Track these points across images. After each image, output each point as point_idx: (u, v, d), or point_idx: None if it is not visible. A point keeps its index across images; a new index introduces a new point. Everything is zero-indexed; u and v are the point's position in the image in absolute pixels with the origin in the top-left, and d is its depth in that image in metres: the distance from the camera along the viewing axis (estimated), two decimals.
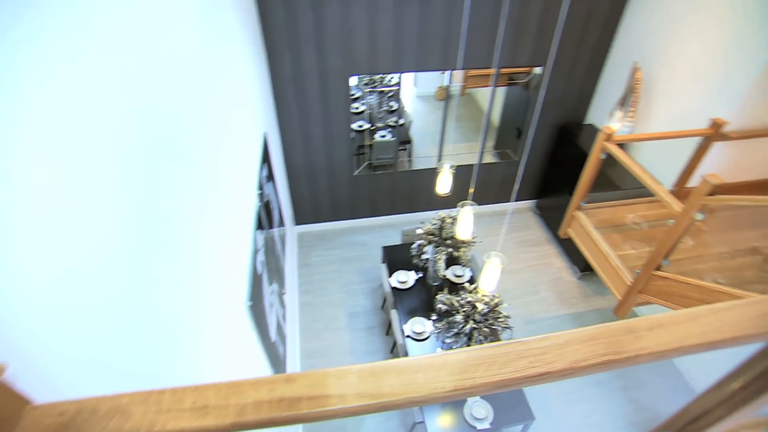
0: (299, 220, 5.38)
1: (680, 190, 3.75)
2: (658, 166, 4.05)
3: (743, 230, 3.41)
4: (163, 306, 1.20)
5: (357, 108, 5.56)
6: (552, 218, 5.35)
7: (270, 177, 3.44)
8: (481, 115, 5.47)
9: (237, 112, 2.49)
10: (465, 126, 6.18)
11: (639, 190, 3.94)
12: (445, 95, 4.75)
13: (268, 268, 2.90)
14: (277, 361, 2.88)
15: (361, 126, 5.41)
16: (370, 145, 5.32)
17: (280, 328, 3.18)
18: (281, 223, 3.89)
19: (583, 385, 3.89)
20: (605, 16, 4.33)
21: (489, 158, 5.35)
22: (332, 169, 4.96)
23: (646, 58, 4.07)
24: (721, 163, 3.61)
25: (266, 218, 3.06)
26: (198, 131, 1.67)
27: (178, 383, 0.54)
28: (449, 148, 5.30)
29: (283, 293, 3.58)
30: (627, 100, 4.05)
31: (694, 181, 3.59)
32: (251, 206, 2.56)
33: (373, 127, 5.47)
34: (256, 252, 2.48)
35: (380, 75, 4.78)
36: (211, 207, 1.74)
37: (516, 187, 5.47)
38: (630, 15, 4.28)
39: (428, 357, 0.54)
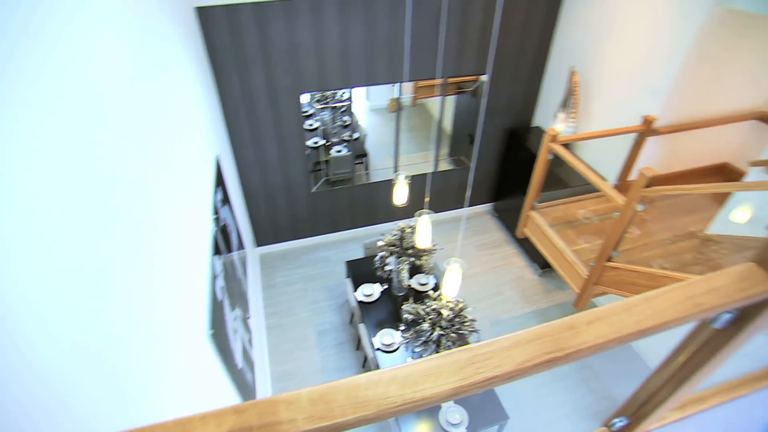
0: (260, 241, 5.29)
1: (623, 184, 3.97)
2: (602, 162, 4.27)
3: (680, 216, 3.64)
4: (116, 344, 1.15)
5: (311, 125, 5.56)
6: (509, 219, 5.52)
7: (225, 200, 3.38)
8: (435, 125, 5.60)
9: (186, 138, 2.44)
10: (419, 135, 6.29)
11: (587, 187, 4.13)
12: (396, 107, 4.83)
13: (229, 294, 2.83)
14: (245, 388, 2.81)
15: (316, 142, 5.40)
16: (327, 161, 5.32)
17: (246, 354, 3.10)
18: (241, 246, 3.82)
19: (552, 379, 4.01)
20: (541, 25, 4.56)
21: (444, 165, 5.46)
22: (290, 188, 4.92)
23: (581, 62, 4.31)
24: (656, 156, 3.85)
25: (224, 242, 2.99)
26: (143, 160, 1.62)
27: (139, 422, 0.53)
28: (405, 158, 5.38)
29: (248, 317, 3.49)
30: (568, 102, 4.27)
31: (634, 175, 3.81)
32: (207, 231, 2.50)
33: (329, 143, 5.47)
34: (214, 278, 2.42)
35: (331, 91, 4.81)
36: (162, 236, 1.69)
37: (468, 193, 5.61)
38: (563, 23, 4.53)
39: (377, 373, 0.56)
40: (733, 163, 4.07)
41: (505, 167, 5.50)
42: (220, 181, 3.25)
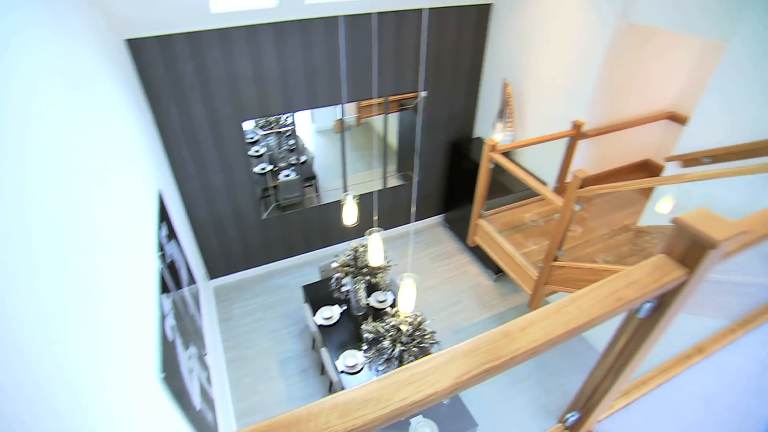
0: (213, 273, 5.13)
1: (562, 186, 4.20)
2: (542, 166, 4.51)
3: (615, 212, 3.90)
4: (60, 399, 1.08)
5: (257, 151, 5.51)
6: (460, 229, 5.67)
7: (171, 235, 3.26)
8: (380, 142, 5.72)
9: (122, 175, 2.35)
10: (366, 154, 6.37)
11: (531, 191, 4.33)
12: (341, 128, 4.89)
13: (182, 332, 2.72)
14: (206, 430, 2.69)
15: (263, 168, 5.35)
16: (276, 186, 5.27)
17: (205, 394, 2.97)
18: (192, 281, 3.68)
19: (514, 382, 4.11)
20: (472, 41, 4.80)
21: (394, 182, 5.55)
22: (240, 216, 4.82)
23: (513, 74, 4.56)
24: (588, 158, 4.12)
25: (172, 279, 2.88)
26: (75, 203, 1.56)
27: None
28: (354, 177, 5.43)
29: (205, 354, 3.36)
30: (504, 112, 4.49)
31: (570, 177, 4.04)
32: (152, 270, 2.41)
33: (276, 168, 5.44)
34: (163, 318, 2.33)
35: (274, 116, 4.80)
36: (103, 281, 1.61)
37: (413, 209, 5.71)
38: (492, 39, 4.78)
39: (318, 403, 0.57)
40: (653, 159, 4.43)
41: (451, 179, 5.67)
42: (164, 216, 3.14)
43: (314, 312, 3.97)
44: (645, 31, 3.49)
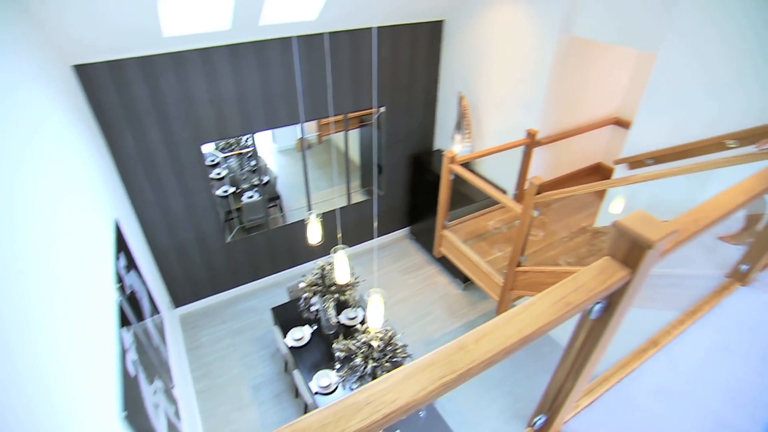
0: (178, 301, 4.96)
1: (521, 193, 4.34)
2: (501, 175, 4.64)
3: (573, 215, 4.05)
4: None
5: (218, 174, 5.42)
6: (427, 240, 5.74)
7: (131, 265, 3.15)
8: (343, 159, 5.75)
9: (76, 207, 2.27)
10: (330, 171, 6.38)
11: (492, 200, 4.44)
12: (303, 146, 4.89)
13: (145, 366, 2.62)
14: None
15: (225, 191, 5.27)
16: (239, 209, 5.20)
17: (173, 428, 2.86)
18: (155, 311, 3.56)
19: (487, 389, 4.15)
20: (427, 57, 4.93)
21: (358, 197, 5.58)
22: (203, 241, 4.71)
23: (468, 87, 4.70)
24: (544, 164, 4.28)
25: (133, 311, 2.78)
26: (24, 242, 1.49)
27: None
28: (320, 195, 5.42)
29: (172, 387, 3.24)
30: (461, 124, 4.61)
31: (528, 184, 4.18)
32: (110, 303, 2.32)
33: (239, 190, 5.36)
34: (124, 353, 2.24)
35: (234, 138, 4.75)
36: (55, 320, 1.54)
37: (375, 223, 5.73)
38: (446, 54, 4.93)
39: (276, 431, 0.57)
40: (604, 162, 4.65)
41: (414, 191, 5.75)
42: (122, 246, 3.04)
43: (284, 334, 3.91)
44: (588, 43, 3.69)
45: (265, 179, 5.56)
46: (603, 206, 3.67)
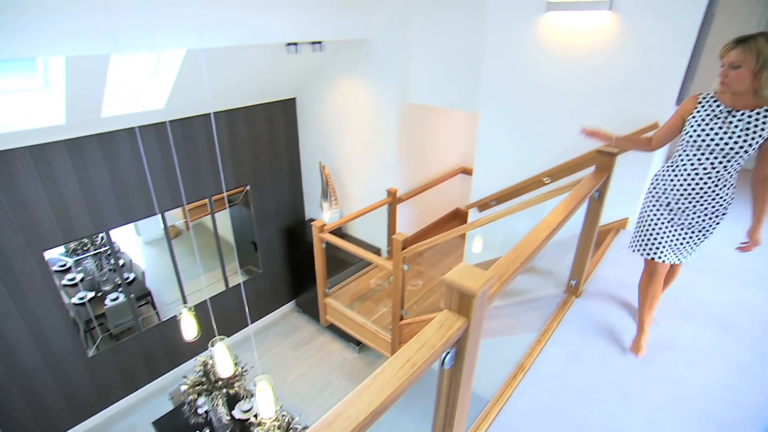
0: None
1: (392, 249, 4.59)
2: (373, 234, 4.86)
3: (444, 258, 4.40)
4: None
5: (72, 279, 4.78)
6: (314, 310, 5.59)
7: None
8: (216, 242, 5.53)
9: None
10: (206, 255, 6.05)
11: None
12: (171, 235, 4.61)
13: None
14: None
15: (82, 298, 4.65)
16: (102, 314, 4.61)
17: None
18: None
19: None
20: (285, 133, 5.11)
21: (238, 279, 5.35)
22: (54, 363, 4.03)
23: (327, 156, 4.95)
24: (410, 218, 4.62)
25: None
26: None
27: None
28: (197, 282, 5.07)
29: None
30: (327, 192, 4.79)
31: None
32: None
33: (100, 293, 4.78)
34: None
35: (88, 237, 4.28)
36: None
37: (246, 309, 5.47)
38: (303, 128, 5.18)
39: None
40: (461, 207, 5.19)
41: (293, 263, 5.70)
42: None
43: None
44: (426, 107, 4.20)
45: (131, 277, 5.05)
46: (467, 247, 4.04)
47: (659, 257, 1.97)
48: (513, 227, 3.60)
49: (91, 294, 4.74)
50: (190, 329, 2.95)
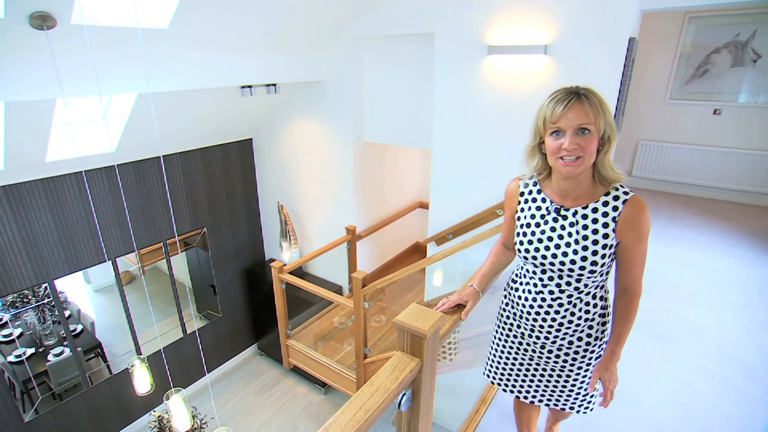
0: None
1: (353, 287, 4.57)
2: (334, 272, 4.81)
3: (406, 293, 4.41)
4: None
5: (9, 335, 4.43)
6: (277, 353, 5.45)
7: None
8: (174, 287, 5.31)
9: None
10: (162, 301, 5.79)
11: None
12: (120, 282, 4.40)
13: None
14: None
15: (20, 355, 4.31)
16: (44, 372, 4.27)
17: None
18: None
19: None
20: (242, 174, 5.07)
21: (197, 324, 5.14)
22: None
23: (285, 196, 4.94)
24: (370, 254, 4.62)
25: None
26: None
27: None
28: (153, 330, 4.82)
29: None
30: (286, 232, 4.75)
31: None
32: None
33: (42, 349, 4.45)
34: None
35: (29, 289, 4.02)
36: None
37: (202, 360, 5.25)
38: (260, 169, 5.17)
39: None
40: (420, 241, 5.26)
41: (254, 305, 5.54)
42: None
43: None
44: (382, 145, 4.30)
45: (78, 328, 4.74)
46: (427, 280, 4.08)
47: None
48: (471, 258, 3.67)
49: (31, 350, 4.41)
50: (143, 382, 2.79)
